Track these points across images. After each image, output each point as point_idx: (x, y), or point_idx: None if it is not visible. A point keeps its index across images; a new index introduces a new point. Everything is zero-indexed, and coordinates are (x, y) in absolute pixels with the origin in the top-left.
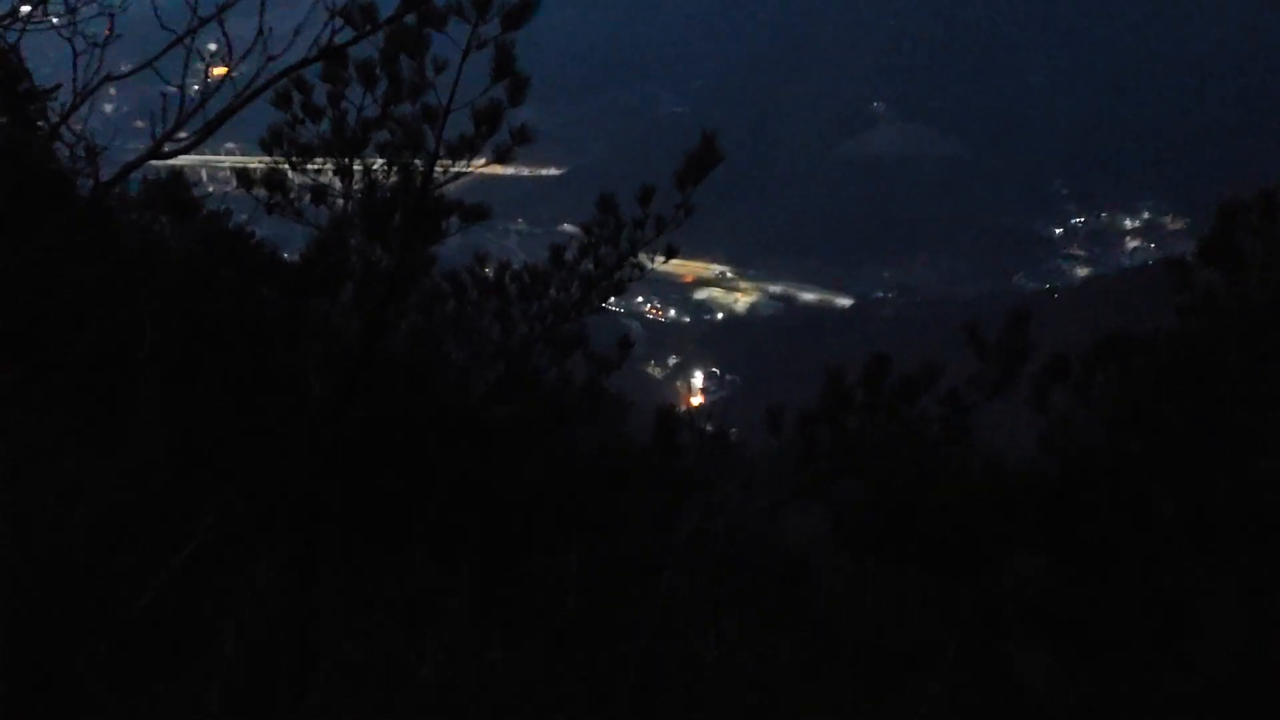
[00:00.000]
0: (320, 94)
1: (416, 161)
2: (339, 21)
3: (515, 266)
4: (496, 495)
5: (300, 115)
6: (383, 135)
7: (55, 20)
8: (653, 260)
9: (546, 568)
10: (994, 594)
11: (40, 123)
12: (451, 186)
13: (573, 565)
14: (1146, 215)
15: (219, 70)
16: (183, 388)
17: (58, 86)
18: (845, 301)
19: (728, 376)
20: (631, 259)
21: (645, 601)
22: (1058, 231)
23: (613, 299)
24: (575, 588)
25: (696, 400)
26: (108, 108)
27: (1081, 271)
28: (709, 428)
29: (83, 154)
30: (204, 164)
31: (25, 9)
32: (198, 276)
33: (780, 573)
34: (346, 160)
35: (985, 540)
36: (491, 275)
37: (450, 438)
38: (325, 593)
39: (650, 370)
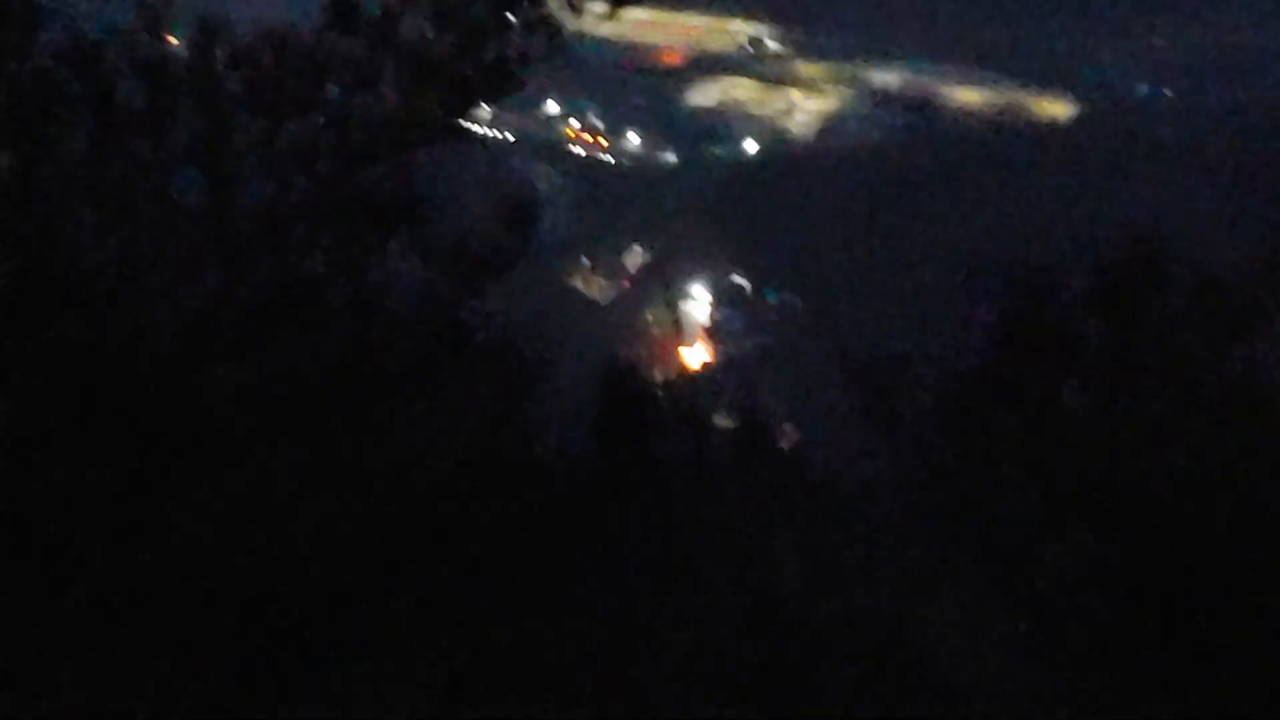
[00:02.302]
0: None
1: None
2: None
3: (245, 38)
4: (229, 558)
5: None
6: None
7: None
8: (578, 9)
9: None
10: None
11: None
12: None
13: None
14: None
15: None
16: None
17: None
18: (1054, 107)
19: (771, 295)
20: (533, 9)
21: None
22: None
23: (489, 108)
24: None
25: (694, 350)
26: None
27: None
28: (727, 419)
29: None
30: None
31: None
32: None
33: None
34: None
35: None
36: (192, 55)
37: (128, 428)
38: None
39: (584, 281)
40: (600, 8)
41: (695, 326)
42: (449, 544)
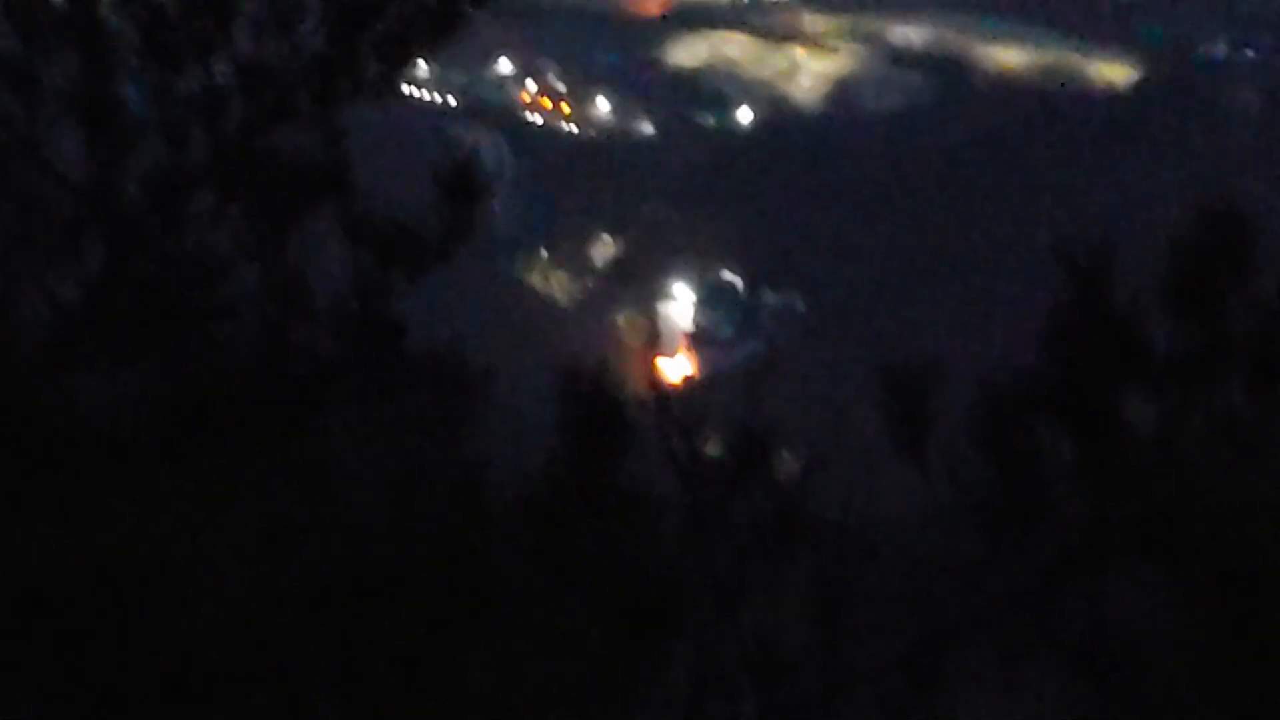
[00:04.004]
0: None
1: None
2: None
3: None
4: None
5: None
6: None
7: None
8: None
9: None
10: None
11: None
12: None
13: None
14: None
15: None
16: None
17: None
18: (1112, 70)
19: (768, 295)
20: None
21: None
22: None
23: (428, 63)
24: None
25: (675, 361)
26: None
27: None
28: (714, 444)
29: None
30: None
31: None
32: None
33: None
34: None
35: None
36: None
37: None
38: None
39: (542, 276)
40: None
41: (676, 333)
42: (376, 584)
